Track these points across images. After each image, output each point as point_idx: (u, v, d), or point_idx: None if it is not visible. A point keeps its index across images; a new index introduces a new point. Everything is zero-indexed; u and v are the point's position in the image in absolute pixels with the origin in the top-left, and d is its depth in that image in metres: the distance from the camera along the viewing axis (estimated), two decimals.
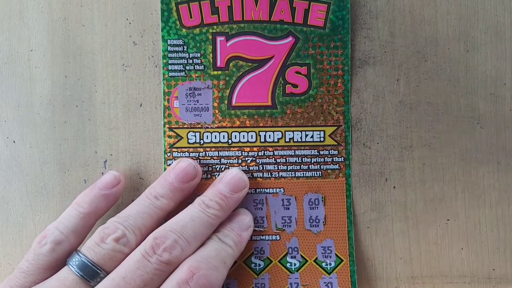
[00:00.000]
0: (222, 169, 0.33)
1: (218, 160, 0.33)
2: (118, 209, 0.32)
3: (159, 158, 0.34)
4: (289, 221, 0.33)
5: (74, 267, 0.28)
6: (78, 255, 0.29)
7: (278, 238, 0.33)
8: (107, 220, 0.30)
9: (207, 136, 0.33)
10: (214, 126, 0.33)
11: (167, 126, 0.33)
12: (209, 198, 0.31)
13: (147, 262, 0.28)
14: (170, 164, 0.33)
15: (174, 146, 0.33)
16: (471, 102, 0.34)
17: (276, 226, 0.33)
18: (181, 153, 0.33)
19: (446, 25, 0.33)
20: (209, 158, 0.33)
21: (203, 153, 0.33)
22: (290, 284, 0.33)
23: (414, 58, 0.33)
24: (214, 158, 0.33)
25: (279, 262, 0.33)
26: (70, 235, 0.30)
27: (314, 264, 0.33)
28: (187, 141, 0.33)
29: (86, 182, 0.34)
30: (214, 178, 0.33)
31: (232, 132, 0.33)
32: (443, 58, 0.33)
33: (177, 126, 0.33)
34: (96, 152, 0.34)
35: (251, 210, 0.33)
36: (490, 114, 0.34)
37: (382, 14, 0.33)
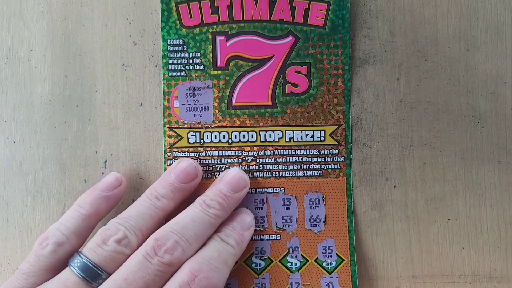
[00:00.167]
0: (223, 168, 0.33)
1: (219, 160, 0.33)
2: (118, 209, 0.32)
3: (159, 158, 0.34)
4: (289, 220, 0.33)
5: (76, 269, 0.28)
6: (80, 257, 0.29)
7: (279, 238, 0.33)
8: (108, 221, 0.30)
9: (207, 136, 0.33)
10: (214, 125, 0.33)
11: (167, 126, 0.33)
12: (210, 198, 0.31)
13: (149, 263, 0.28)
14: (170, 164, 0.33)
15: (174, 146, 0.33)
16: (472, 101, 0.33)
17: (276, 226, 0.33)
18: (181, 153, 0.33)
19: (447, 24, 0.33)
20: (209, 158, 0.33)
21: (203, 153, 0.33)
22: (291, 284, 0.33)
23: (415, 57, 0.33)
24: (214, 158, 0.33)
25: (280, 262, 0.33)
26: (71, 237, 0.30)
27: (315, 263, 0.33)
28: (187, 141, 0.33)
29: (86, 182, 0.34)
30: (214, 178, 0.33)
31: (232, 131, 0.33)
32: (444, 57, 0.33)
33: (177, 126, 0.33)
34: (96, 152, 0.34)
35: (252, 209, 0.33)
36: (490, 113, 0.33)
37: (382, 13, 0.33)
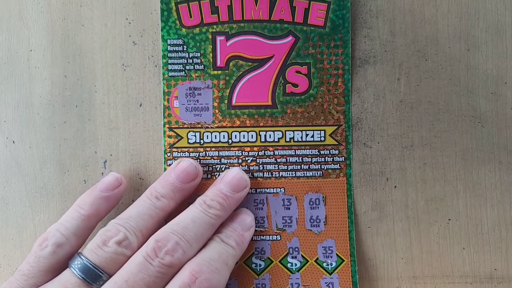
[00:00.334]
0: (223, 169, 0.33)
1: (218, 160, 0.33)
2: (118, 209, 0.32)
3: (159, 158, 0.33)
4: (289, 221, 0.33)
5: (76, 270, 0.28)
6: (80, 258, 0.28)
7: (279, 238, 0.33)
8: (108, 221, 0.30)
9: (207, 136, 0.33)
10: (214, 126, 0.33)
11: (167, 126, 0.33)
12: (210, 198, 0.31)
13: (149, 265, 0.28)
14: (170, 164, 0.33)
15: (174, 146, 0.33)
16: (472, 101, 0.33)
17: (276, 226, 0.33)
18: (181, 153, 0.33)
19: (447, 24, 0.33)
20: (209, 158, 0.33)
21: (203, 153, 0.33)
22: (291, 284, 0.33)
23: (415, 57, 0.33)
24: (214, 158, 0.33)
25: (280, 262, 0.33)
26: (71, 237, 0.30)
27: (315, 264, 0.33)
28: (187, 141, 0.33)
29: (86, 183, 0.34)
30: (214, 178, 0.33)
31: (232, 132, 0.33)
32: (444, 57, 0.33)
33: (177, 126, 0.33)
34: (96, 152, 0.34)
35: (252, 210, 0.33)
36: (491, 113, 0.33)
37: (382, 13, 0.33)
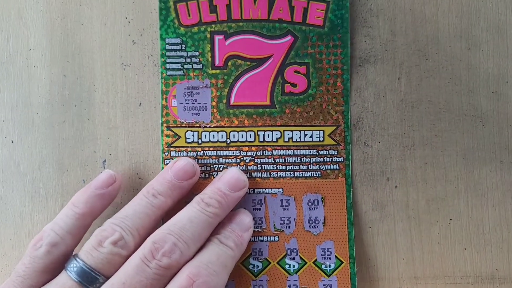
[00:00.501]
0: (221, 168, 0.33)
1: (216, 159, 0.33)
2: (117, 209, 0.32)
3: (159, 157, 0.33)
4: (288, 222, 0.33)
5: (73, 273, 0.28)
6: (76, 261, 0.28)
7: (277, 239, 0.33)
8: (105, 221, 0.30)
9: (205, 135, 0.33)
10: (212, 125, 0.33)
11: (165, 125, 0.33)
12: (208, 196, 0.30)
13: (146, 267, 0.27)
14: (168, 163, 0.33)
15: (172, 145, 0.33)
16: (473, 101, 0.33)
17: (274, 227, 0.33)
18: (179, 152, 0.33)
19: (447, 23, 0.33)
20: (207, 157, 0.33)
21: (201, 152, 0.33)
22: (288, 286, 0.32)
23: (415, 57, 0.33)
24: (212, 157, 0.33)
25: (278, 263, 0.33)
26: (66, 236, 0.29)
27: (314, 266, 0.33)
28: (185, 140, 0.33)
29: (85, 182, 0.33)
30: (212, 178, 0.33)
31: (230, 131, 0.33)
32: (445, 57, 0.33)
33: (175, 125, 0.33)
34: (95, 151, 0.34)
35: (250, 210, 0.33)
36: (492, 113, 0.33)
37: (382, 12, 0.33)
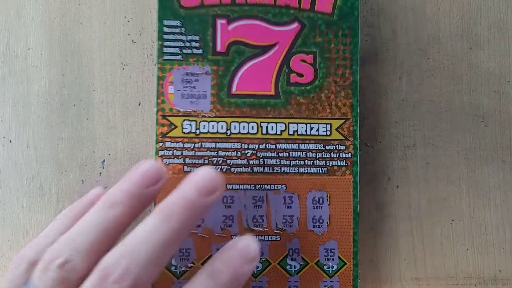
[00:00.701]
0: (220, 162, 0.31)
1: (215, 152, 0.31)
2: None
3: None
4: (290, 220, 0.32)
5: None
6: (27, 286, 0.25)
7: (278, 239, 0.32)
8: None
9: (204, 125, 0.31)
10: (212, 115, 0.31)
11: (160, 113, 0.31)
12: (171, 203, 0.26)
13: None
14: (162, 155, 0.31)
15: (167, 135, 0.31)
16: (475, 100, 0.33)
17: (276, 226, 0.32)
18: (174, 143, 0.31)
19: (449, 22, 0.33)
20: (205, 149, 0.31)
21: (199, 144, 0.31)
22: (289, 287, 0.32)
23: (417, 56, 0.33)
24: (211, 150, 0.31)
25: (279, 264, 0.32)
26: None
27: (315, 267, 0.32)
28: (182, 130, 0.31)
29: (83, 183, 0.33)
30: None
31: (231, 122, 0.32)
32: (446, 56, 0.33)
33: (171, 114, 0.31)
34: (94, 151, 0.33)
35: (250, 207, 0.32)
36: (494, 112, 0.33)
37: (383, 12, 0.33)
